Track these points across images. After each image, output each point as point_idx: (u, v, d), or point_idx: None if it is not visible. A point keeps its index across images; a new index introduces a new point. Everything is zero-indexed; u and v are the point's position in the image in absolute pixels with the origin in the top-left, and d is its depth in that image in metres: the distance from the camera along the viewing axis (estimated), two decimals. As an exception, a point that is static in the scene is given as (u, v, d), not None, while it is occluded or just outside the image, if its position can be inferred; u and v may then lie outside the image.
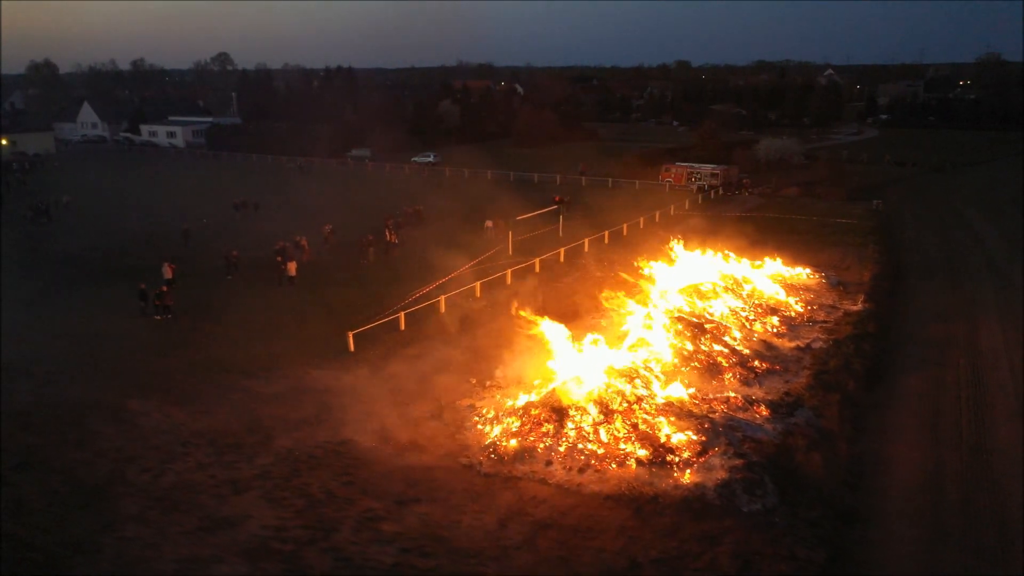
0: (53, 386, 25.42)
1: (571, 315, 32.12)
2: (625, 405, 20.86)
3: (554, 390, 21.74)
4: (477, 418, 22.36)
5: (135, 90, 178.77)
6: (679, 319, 26.52)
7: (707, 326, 26.99)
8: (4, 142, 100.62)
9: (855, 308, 31.99)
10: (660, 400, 21.40)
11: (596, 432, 20.23)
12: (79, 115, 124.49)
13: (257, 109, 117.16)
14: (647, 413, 20.72)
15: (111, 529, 17.17)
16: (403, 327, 30.80)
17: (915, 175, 78.63)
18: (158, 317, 32.50)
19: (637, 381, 21.78)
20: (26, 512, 17.88)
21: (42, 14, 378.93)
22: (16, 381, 25.70)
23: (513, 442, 20.42)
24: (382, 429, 22.13)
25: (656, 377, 22.80)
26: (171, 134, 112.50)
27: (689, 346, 25.48)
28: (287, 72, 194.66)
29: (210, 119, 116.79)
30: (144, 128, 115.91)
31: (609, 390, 21.22)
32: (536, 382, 24.27)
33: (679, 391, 22.15)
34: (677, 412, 20.85)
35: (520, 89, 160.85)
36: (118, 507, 18.03)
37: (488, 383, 24.93)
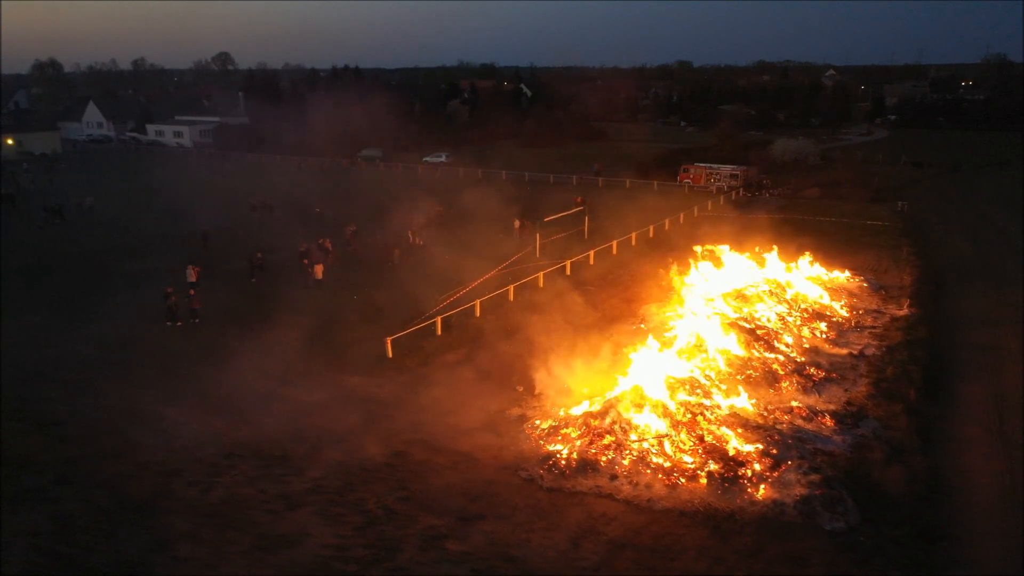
0: (85, 394, 24.63)
1: (610, 320, 31.42)
2: (689, 416, 20.08)
3: (614, 400, 20.94)
4: (530, 429, 21.55)
5: (138, 90, 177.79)
6: (732, 325, 25.73)
7: (758, 332, 26.19)
8: (10, 142, 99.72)
9: (901, 313, 31.21)
10: (724, 411, 20.61)
11: (660, 445, 19.44)
12: (84, 115, 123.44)
13: (265, 109, 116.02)
14: (712, 424, 19.94)
15: (164, 548, 16.37)
16: (440, 332, 29.97)
17: (933, 176, 77.86)
18: (179, 323, 31.50)
19: (699, 391, 20.97)
20: (73, 529, 17.09)
21: (41, 14, 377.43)
22: (48, 389, 24.94)
23: (574, 455, 19.61)
24: (432, 440, 21.35)
25: (715, 386, 22.00)
26: (178, 134, 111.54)
27: (742, 353, 24.68)
28: (288, 72, 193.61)
29: (216, 119, 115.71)
30: (150, 128, 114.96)
31: (671, 401, 20.42)
32: (585, 390, 23.54)
33: (742, 401, 21.36)
34: (743, 423, 20.07)
35: (526, 89, 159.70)
36: (168, 524, 17.24)
37: (536, 391, 24.08)
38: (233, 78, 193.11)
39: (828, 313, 30.39)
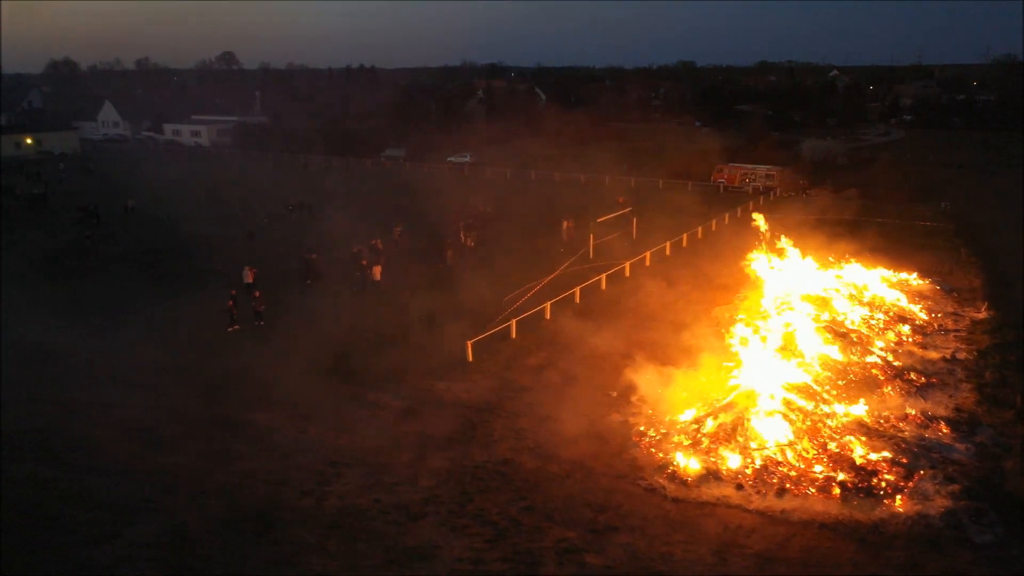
0: (165, 399, 24.04)
1: (685, 322, 30.77)
2: (809, 423, 19.52)
3: (727, 406, 20.37)
4: (637, 436, 20.97)
5: (150, 89, 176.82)
6: (826, 328, 25.16)
7: (851, 335, 25.63)
8: (29, 141, 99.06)
9: (980, 316, 30.67)
10: (842, 417, 20.04)
11: (783, 453, 18.87)
12: (100, 114, 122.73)
13: (284, 108, 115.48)
14: (834, 432, 19.38)
15: (293, 561, 15.79)
16: (514, 335, 29.38)
17: (964, 177, 77.28)
18: (232, 328, 30.66)
19: (817, 398, 20.40)
20: (192, 541, 16.49)
21: (43, 14, 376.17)
22: (126, 394, 24.34)
23: (692, 463, 19.04)
24: (537, 448, 20.77)
25: (827, 392, 21.43)
26: (196, 133, 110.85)
27: (840, 357, 24.10)
28: (292, 72, 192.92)
29: (234, 118, 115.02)
30: (167, 127, 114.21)
31: (790, 407, 19.86)
32: (683, 395, 23.00)
33: (858, 407, 20.78)
34: (864, 431, 19.51)
35: (540, 91, 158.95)
36: (292, 536, 16.65)
37: (631, 397, 23.49)
38: (238, 78, 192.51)
39: (909, 316, 29.81)
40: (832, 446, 18.92)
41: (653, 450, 20.13)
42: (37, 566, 15.82)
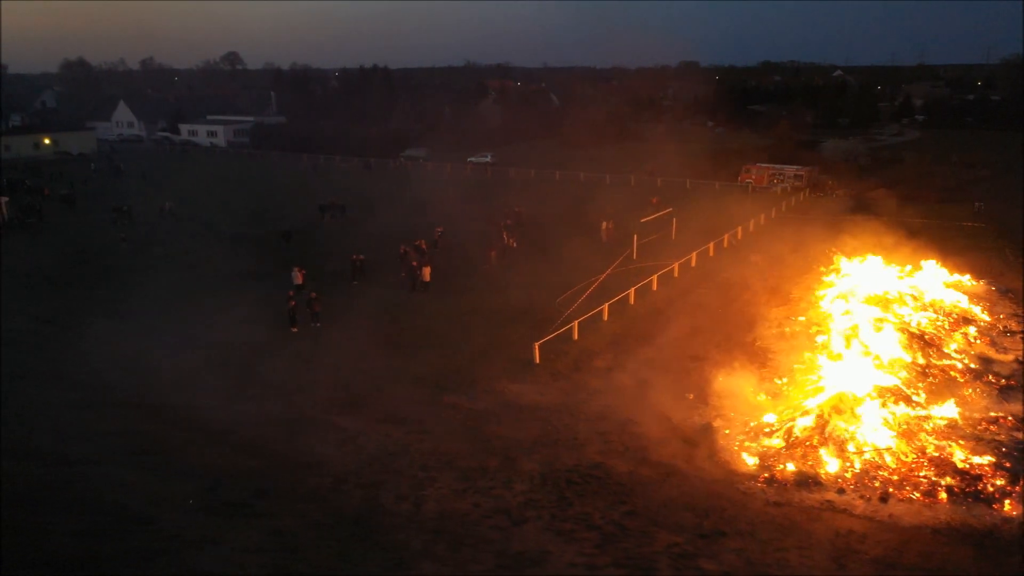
0: (238, 401, 23.86)
1: (745, 324, 30.61)
2: (904, 427, 19.33)
3: (817, 409, 20.18)
4: (725, 439, 20.80)
5: (155, 89, 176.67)
6: (902, 330, 24.96)
7: (926, 337, 25.44)
8: (47, 141, 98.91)
9: (1042, 317, 30.46)
10: (936, 421, 19.85)
11: (881, 457, 18.68)
12: (114, 114, 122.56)
13: (302, 108, 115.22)
14: (930, 435, 19.19)
15: (404, 567, 15.57)
16: (576, 336, 29.19)
17: (989, 177, 76.99)
18: (293, 329, 30.53)
19: (915, 402, 20.21)
20: (299, 546, 16.27)
21: (45, 14, 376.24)
22: (195, 396, 24.14)
23: (788, 467, 18.86)
24: (627, 451, 20.60)
25: (917, 395, 21.24)
26: (212, 133, 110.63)
27: (920, 359, 23.90)
28: (296, 71, 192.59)
29: (251, 118, 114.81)
30: (183, 127, 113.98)
31: (884, 410, 19.67)
32: (761, 397, 22.88)
33: (949, 410, 20.59)
34: (961, 434, 19.32)
35: (554, 94, 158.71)
36: (396, 541, 16.45)
37: (708, 400, 23.31)
38: (243, 77, 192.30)
39: (971, 318, 29.61)
40: (931, 450, 18.74)
41: (745, 454, 19.95)
42: (141, 570, 15.63)
